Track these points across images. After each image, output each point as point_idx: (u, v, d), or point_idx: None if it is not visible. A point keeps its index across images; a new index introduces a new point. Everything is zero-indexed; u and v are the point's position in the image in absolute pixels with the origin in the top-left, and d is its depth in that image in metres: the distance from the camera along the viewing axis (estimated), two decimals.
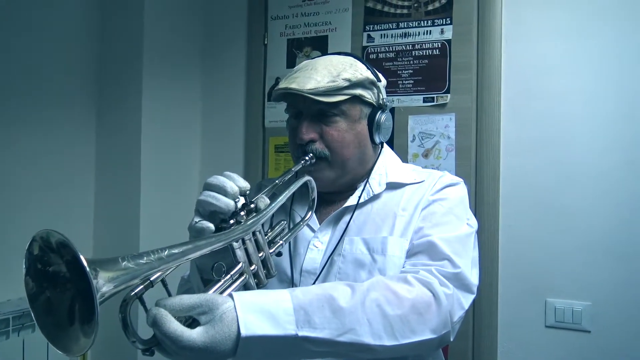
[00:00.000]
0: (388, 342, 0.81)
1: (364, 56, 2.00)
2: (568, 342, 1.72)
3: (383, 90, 1.11)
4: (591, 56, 1.73)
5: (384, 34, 1.98)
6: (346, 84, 1.02)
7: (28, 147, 1.80)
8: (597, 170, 1.71)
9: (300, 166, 1.03)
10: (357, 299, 0.82)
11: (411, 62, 1.94)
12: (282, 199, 0.95)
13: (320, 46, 2.09)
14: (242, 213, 0.85)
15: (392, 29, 1.97)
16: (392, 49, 1.96)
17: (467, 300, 0.96)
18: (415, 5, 1.94)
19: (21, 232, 1.77)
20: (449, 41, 1.89)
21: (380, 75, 1.12)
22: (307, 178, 1.04)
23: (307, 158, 1.03)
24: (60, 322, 0.62)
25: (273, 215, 1.02)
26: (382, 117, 1.09)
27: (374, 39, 2.00)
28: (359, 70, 1.05)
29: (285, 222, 1.04)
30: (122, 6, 2.02)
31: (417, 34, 1.93)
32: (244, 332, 0.71)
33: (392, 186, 1.10)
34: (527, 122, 1.80)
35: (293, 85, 1.01)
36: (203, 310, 0.71)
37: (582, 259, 1.71)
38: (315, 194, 1.06)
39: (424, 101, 1.91)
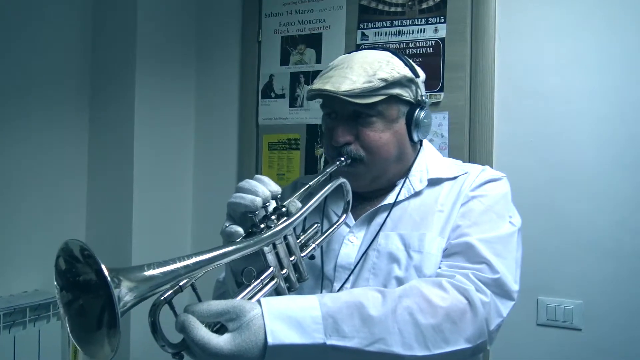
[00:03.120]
0: (420, 353, 0.79)
1: None
2: (559, 340, 1.73)
3: (422, 86, 1.06)
4: (584, 55, 1.73)
5: (378, 32, 1.98)
6: (382, 84, 0.97)
7: (20, 146, 1.80)
8: (589, 169, 1.71)
9: (335, 167, 1.00)
10: (388, 306, 0.79)
11: (407, 58, 1.93)
12: (314, 202, 0.92)
13: (315, 44, 2.09)
14: (273, 217, 0.83)
15: (386, 27, 1.97)
16: (386, 47, 1.96)
17: (505, 307, 0.91)
18: (410, 3, 1.94)
19: (15, 230, 1.77)
20: (442, 39, 1.89)
21: (418, 69, 1.08)
22: (341, 180, 1.00)
23: (342, 159, 1.00)
24: (90, 327, 0.62)
25: (307, 216, 1.00)
26: (421, 115, 1.04)
27: (368, 37, 1.99)
28: (395, 68, 1.01)
29: (319, 224, 1.01)
30: (114, 4, 2.01)
31: (411, 32, 1.93)
32: (270, 340, 0.70)
33: (432, 182, 1.06)
34: (520, 120, 1.80)
35: (327, 87, 0.97)
36: (231, 317, 0.71)
37: (574, 257, 1.72)
38: (350, 197, 1.03)
39: None
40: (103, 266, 0.56)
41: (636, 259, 1.65)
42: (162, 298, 0.67)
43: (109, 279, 0.56)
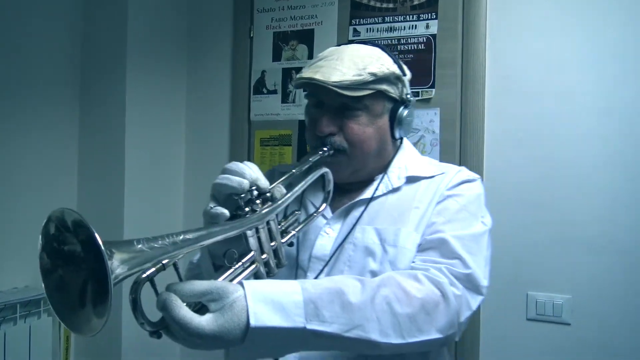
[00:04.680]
0: (395, 340, 0.81)
1: None
2: (549, 334, 1.75)
3: (407, 85, 1.08)
4: (575, 52, 1.75)
5: (370, 28, 1.98)
6: (372, 78, 0.99)
7: (9, 145, 1.79)
8: (579, 166, 1.73)
9: (318, 157, 1.01)
10: (367, 294, 0.81)
11: (396, 56, 1.94)
12: (298, 189, 0.94)
13: (306, 39, 2.09)
14: (258, 202, 0.84)
15: (378, 23, 1.97)
16: (378, 43, 1.96)
17: (475, 301, 0.94)
18: None
19: (4, 226, 1.76)
20: (434, 36, 1.89)
21: (405, 68, 1.10)
22: (324, 170, 1.02)
23: (325, 149, 1.02)
24: (72, 301, 0.61)
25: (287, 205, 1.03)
26: (405, 113, 1.07)
27: (360, 33, 2.00)
28: (385, 64, 1.03)
29: (299, 212, 1.03)
30: (104, 0, 1.99)
31: (403, 28, 1.94)
32: (253, 322, 0.70)
33: (410, 180, 1.09)
34: (511, 117, 1.81)
35: (317, 76, 0.98)
36: (213, 297, 0.70)
37: (563, 253, 1.73)
38: (331, 187, 1.05)
39: None
40: (97, 235, 0.56)
41: (625, 255, 1.67)
42: (144, 276, 0.66)
43: (102, 248, 0.55)
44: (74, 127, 2.03)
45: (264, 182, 0.86)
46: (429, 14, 1.90)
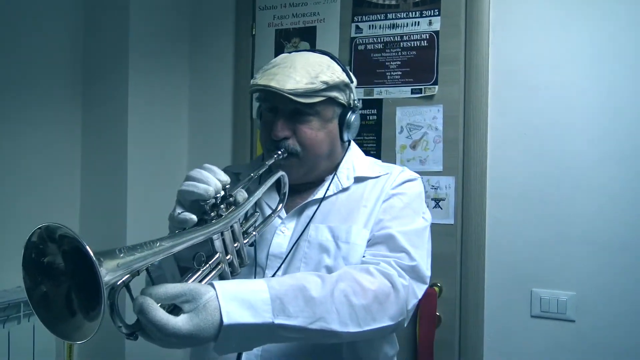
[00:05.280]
0: (353, 329, 0.88)
1: (352, 47, 1.99)
2: (553, 331, 1.75)
3: (355, 91, 1.17)
4: (578, 48, 1.74)
5: (372, 25, 1.98)
6: (323, 86, 1.06)
7: (12, 144, 1.79)
8: (583, 163, 1.72)
9: (273, 160, 1.07)
10: (327, 289, 0.88)
11: (399, 53, 1.94)
12: (258, 193, 1.01)
13: (309, 37, 2.08)
14: (222, 206, 0.89)
15: (381, 20, 1.96)
16: (380, 40, 1.96)
17: (420, 290, 1.04)
18: None
19: (7, 225, 1.77)
20: (437, 32, 1.89)
21: (352, 75, 1.17)
22: (281, 173, 1.09)
23: (279, 152, 1.08)
24: (61, 312, 0.65)
25: None
26: (352, 117, 1.15)
27: (362, 30, 1.99)
28: (335, 72, 1.09)
29: (259, 213, 1.09)
30: None
31: (405, 25, 1.93)
32: (226, 320, 0.75)
33: (357, 180, 1.17)
34: (514, 114, 1.81)
35: (272, 84, 1.04)
36: (187, 298, 0.74)
37: (567, 250, 1.73)
38: (287, 189, 1.11)
39: (412, 93, 1.91)
40: (88, 247, 0.58)
41: (629, 252, 1.66)
42: (121, 282, 0.68)
43: (94, 257, 0.58)
44: (76, 125, 2.03)
45: (225, 181, 0.91)
46: (432, 11, 1.89)
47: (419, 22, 1.91)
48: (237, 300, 0.78)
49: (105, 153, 2.00)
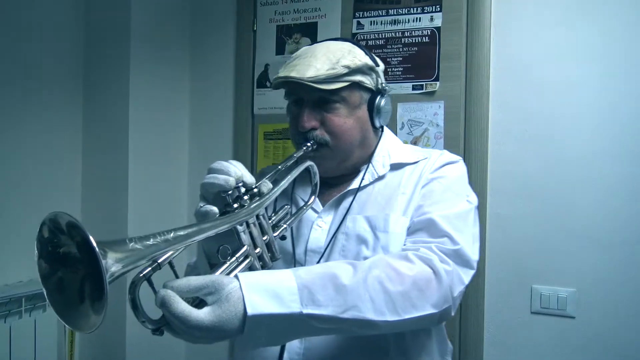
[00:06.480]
0: (390, 318, 0.83)
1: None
2: (553, 327, 1.75)
3: (382, 75, 1.12)
4: (580, 44, 1.74)
5: (374, 21, 1.97)
6: (345, 70, 1.03)
7: (13, 140, 1.79)
8: (583, 159, 1.72)
9: (302, 152, 1.04)
10: (359, 276, 0.83)
11: (400, 49, 1.93)
12: (284, 183, 0.97)
13: (310, 33, 2.08)
14: (246, 197, 0.86)
15: (382, 15, 1.96)
16: (382, 36, 1.96)
17: (467, 275, 0.97)
18: None
19: (9, 219, 1.77)
20: (438, 28, 1.88)
21: (378, 59, 1.13)
22: (309, 163, 1.05)
23: (308, 144, 1.05)
24: (72, 301, 0.63)
25: (276, 200, 1.07)
26: (382, 102, 1.10)
27: (364, 26, 1.99)
28: (357, 56, 1.06)
29: (288, 206, 1.06)
30: None
31: (407, 21, 1.93)
32: (250, 311, 0.73)
33: (394, 167, 1.12)
34: (516, 110, 1.81)
35: (293, 74, 1.02)
36: (209, 290, 0.72)
37: (568, 246, 1.73)
38: (317, 179, 1.08)
39: (413, 89, 1.91)
40: (90, 237, 0.57)
41: (629, 248, 1.67)
42: (141, 275, 0.68)
43: (97, 249, 0.57)
44: (77, 120, 2.03)
45: (249, 178, 0.88)
46: (433, 7, 1.89)
47: (420, 18, 1.91)
48: (262, 290, 0.75)
49: (106, 148, 2.01)
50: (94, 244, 0.57)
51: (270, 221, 0.95)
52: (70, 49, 1.99)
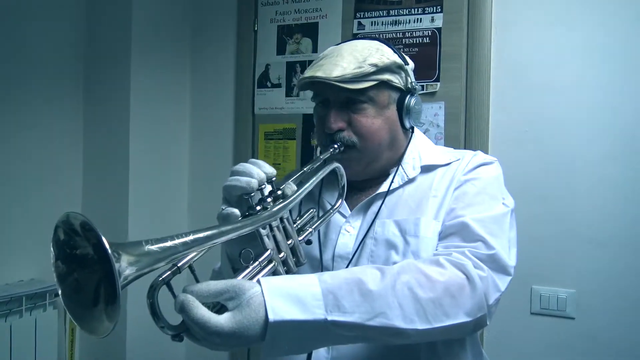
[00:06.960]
0: (421, 326, 0.78)
1: None
2: (553, 328, 1.75)
3: (411, 74, 1.07)
4: (581, 45, 1.73)
5: (375, 22, 1.98)
6: (373, 69, 0.98)
7: (15, 141, 1.79)
8: (584, 160, 1.72)
9: (329, 154, 1.00)
10: (387, 282, 0.79)
11: (401, 49, 1.93)
12: (309, 185, 0.92)
13: (311, 33, 2.08)
14: (269, 200, 0.83)
15: (383, 16, 1.96)
16: (383, 36, 1.96)
17: (503, 282, 0.91)
18: None
19: (10, 219, 1.77)
20: (439, 29, 1.88)
21: (407, 58, 1.08)
22: (335, 165, 1.01)
23: (335, 146, 1.01)
24: (87, 303, 0.61)
25: (302, 203, 1.02)
26: (412, 101, 1.05)
27: (365, 27, 1.99)
28: (385, 54, 1.01)
29: (315, 210, 1.02)
30: None
31: (408, 21, 1.93)
32: (271, 317, 0.69)
33: (425, 169, 1.07)
34: (516, 111, 1.81)
35: (319, 74, 0.98)
36: (230, 295, 0.69)
37: (567, 247, 1.73)
38: (344, 181, 1.04)
39: None
40: (104, 238, 0.55)
41: (630, 249, 1.66)
42: (160, 279, 0.65)
43: (109, 251, 0.54)
44: (78, 121, 2.03)
45: (270, 173, 0.85)
46: (434, 7, 1.89)
47: (421, 18, 1.91)
48: (285, 295, 0.71)
49: (107, 149, 2.01)
50: (107, 245, 0.55)
51: (295, 225, 0.91)
52: (71, 51, 1.99)
